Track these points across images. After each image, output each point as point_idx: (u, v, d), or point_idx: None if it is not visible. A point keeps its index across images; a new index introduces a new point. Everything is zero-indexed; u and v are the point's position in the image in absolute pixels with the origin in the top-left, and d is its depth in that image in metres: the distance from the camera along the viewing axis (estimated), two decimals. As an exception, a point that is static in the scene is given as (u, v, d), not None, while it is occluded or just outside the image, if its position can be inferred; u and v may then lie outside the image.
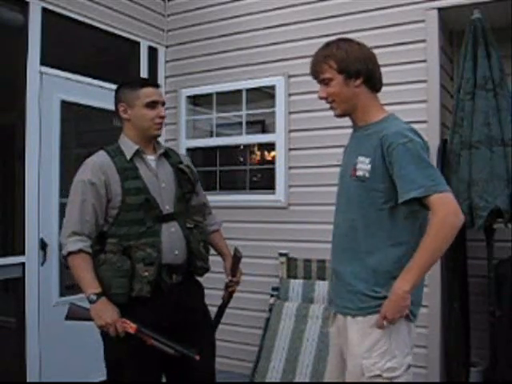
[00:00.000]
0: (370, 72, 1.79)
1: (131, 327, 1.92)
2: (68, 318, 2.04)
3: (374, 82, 1.81)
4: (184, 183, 2.17)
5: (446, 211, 1.62)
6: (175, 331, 2.04)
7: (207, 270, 2.20)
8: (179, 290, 2.07)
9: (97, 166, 2.02)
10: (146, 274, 1.95)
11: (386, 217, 1.71)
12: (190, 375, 2.11)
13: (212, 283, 2.48)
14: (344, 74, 1.77)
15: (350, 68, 1.76)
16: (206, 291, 2.28)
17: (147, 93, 2.09)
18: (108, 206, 2.01)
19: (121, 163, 2.04)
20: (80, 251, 1.95)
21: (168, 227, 2.06)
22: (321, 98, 1.86)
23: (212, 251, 2.30)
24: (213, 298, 2.36)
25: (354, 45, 1.81)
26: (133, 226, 2.00)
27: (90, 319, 1.95)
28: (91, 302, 1.92)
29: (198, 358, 1.96)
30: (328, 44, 1.84)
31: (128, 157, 2.06)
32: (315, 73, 1.84)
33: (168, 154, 2.21)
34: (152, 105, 2.09)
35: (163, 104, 2.16)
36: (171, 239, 2.06)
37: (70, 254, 1.95)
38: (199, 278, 2.24)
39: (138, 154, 2.09)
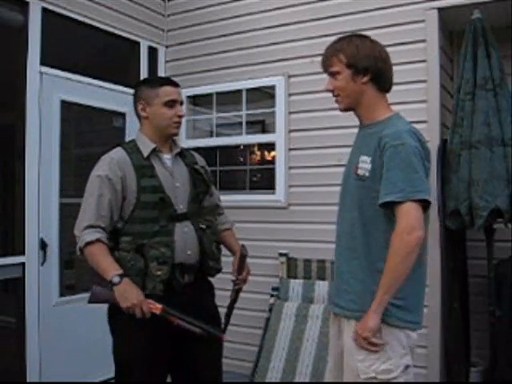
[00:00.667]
0: (379, 71, 1.78)
1: (157, 308, 1.91)
2: (91, 301, 1.99)
3: (382, 82, 1.80)
4: (198, 183, 2.18)
5: (402, 227, 1.62)
6: (180, 330, 2.04)
7: (219, 270, 2.21)
8: (191, 289, 2.07)
9: (114, 161, 2.02)
10: (159, 272, 1.95)
11: (381, 217, 1.71)
12: (197, 375, 2.12)
13: (222, 284, 2.46)
14: (352, 69, 1.77)
15: (359, 64, 1.76)
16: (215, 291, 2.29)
17: (166, 91, 2.11)
18: (123, 203, 2.02)
19: (137, 161, 2.05)
20: (97, 241, 1.95)
21: (181, 227, 2.07)
22: (327, 91, 1.86)
23: (224, 252, 2.30)
24: (221, 299, 2.35)
25: (367, 42, 1.80)
26: (147, 225, 2.00)
27: (113, 302, 1.92)
28: (115, 283, 1.89)
29: (224, 336, 2.05)
30: (341, 38, 1.84)
31: (145, 154, 2.07)
32: (325, 65, 1.84)
33: (183, 154, 2.22)
34: (171, 104, 2.10)
35: (182, 103, 2.17)
36: (184, 239, 2.06)
37: (87, 244, 1.94)
38: (210, 279, 2.25)
39: (154, 152, 2.10)
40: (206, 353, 2.10)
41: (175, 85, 2.17)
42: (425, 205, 1.67)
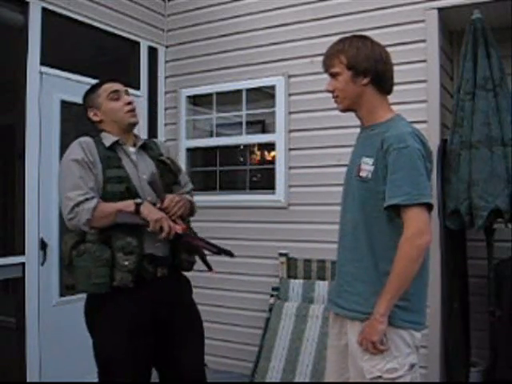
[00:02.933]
0: (379, 73, 1.78)
1: (178, 228, 1.99)
2: (118, 220, 1.97)
3: (382, 83, 1.80)
4: (166, 174, 2.17)
5: (412, 231, 1.64)
6: (159, 326, 2.04)
7: (192, 263, 2.17)
8: (164, 283, 2.06)
9: (85, 145, 2.04)
10: (126, 263, 1.94)
11: (385, 218, 1.71)
12: (179, 372, 2.12)
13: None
14: (352, 71, 1.77)
15: (359, 66, 1.76)
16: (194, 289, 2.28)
17: (105, 87, 2.15)
18: None
19: (103, 151, 2.06)
20: (98, 203, 1.96)
21: None
22: (327, 91, 1.87)
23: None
24: (201, 297, 2.37)
25: (368, 43, 1.81)
26: None
27: (139, 221, 1.95)
28: (140, 203, 1.95)
29: (234, 256, 2.08)
30: (343, 39, 1.84)
31: (107, 145, 2.07)
32: (326, 66, 1.85)
33: (148, 147, 2.22)
34: (115, 96, 2.13)
35: (127, 92, 2.18)
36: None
37: (93, 211, 1.93)
38: (187, 274, 2.22)
39: (118, 145, 2.10)
40: (188, 345, 2.11)
41: (113, 80, 2.19)
42: (428, 208, 1.68)
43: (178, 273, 2.17)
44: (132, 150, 2.15)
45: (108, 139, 2.10)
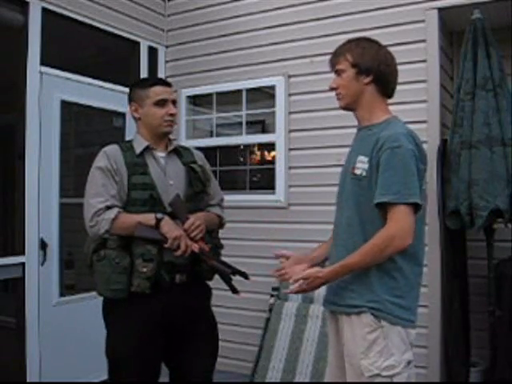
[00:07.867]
0: (381, 73, 1.82)
1: (195, 247, 2.00)
2: (137, 234, 1.99)
3: (384, 85, 1.84)
4: (195, 183, 2.17)
5: (396, 230, 1.66)
6: (172, 330, 2.05)
7: (213, 273, 2.16)
8: (182, 290, 2.06)
9: (107, 154, 2.06)
10: (145, 269, 1.95)
11: (378, 216, 1.73)
12: (185, 378, 2.13)
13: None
14: (356, 69, 1.82)
15: (363, 64, 1.81)
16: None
17: (156, 91, 2.12)
18: None
19: (130, 158, 2.07)
20: (119, 213, 1.98)
21: None
22: (331, 89, 1.90)
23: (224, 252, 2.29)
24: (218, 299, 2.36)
25: (374, 45, 1.86)
26: None
27: (158, 237, 1.96)
28: (161, 218, 1.96)
29: (249, 278, 2.17)
30: (351, 40, 1.90)
31: (137, 151, 2.08)
32: (332, 63, 1.90)
33: (180, 153, 2.21)
34: (161, 103, 2.11)
35: (174, 102, 2.17)
36: None
37: (112, 221, 1.96)
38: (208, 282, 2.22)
39: (148, 150, 2.11)
40: (197, 353, 2.11)
41: (166, 84, 2.18)
42: (416, 208, 1.70)
43: (199, 280, 2.16)
44: (161, 154, 2.15)
45: (139, 144, 2.11)
